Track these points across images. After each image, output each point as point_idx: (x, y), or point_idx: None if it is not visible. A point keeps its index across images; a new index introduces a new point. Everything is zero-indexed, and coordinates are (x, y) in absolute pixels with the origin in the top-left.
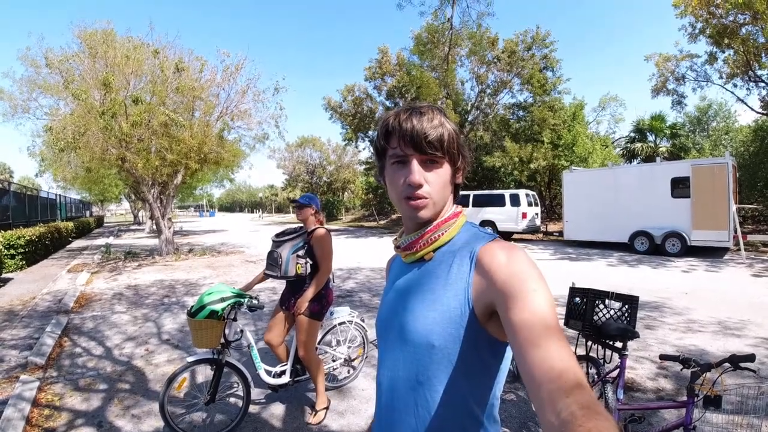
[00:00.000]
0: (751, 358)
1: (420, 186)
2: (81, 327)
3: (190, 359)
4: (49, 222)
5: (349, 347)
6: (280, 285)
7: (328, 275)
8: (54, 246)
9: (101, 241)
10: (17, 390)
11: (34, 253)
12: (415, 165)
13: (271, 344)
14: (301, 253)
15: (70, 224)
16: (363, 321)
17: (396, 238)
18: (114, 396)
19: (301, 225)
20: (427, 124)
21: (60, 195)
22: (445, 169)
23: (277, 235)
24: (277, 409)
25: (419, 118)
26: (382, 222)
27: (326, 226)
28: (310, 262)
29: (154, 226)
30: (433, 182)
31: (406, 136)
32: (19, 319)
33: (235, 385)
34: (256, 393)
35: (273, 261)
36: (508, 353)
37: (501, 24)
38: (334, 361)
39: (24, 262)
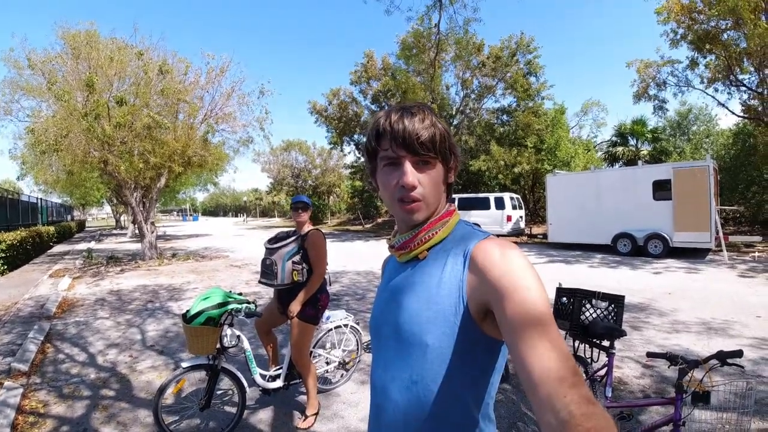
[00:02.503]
0: (738, 354)
1: (414, 188)
2: (64, 333)
3: (185, 364)
4: (30, 226)
5: (343, 351)
6: (266, 288)
7: (321, 279)
8: (35, 250)
9: (83, 245)
10: (1, 396)
11: (16, 258)
12: (408, 166)
13: (258, 330)
14: (296, 259)
15: (52, 228)
16: (358, 324)
17: (390, 238)
18: (98, 403)
19: (293, 229)
20: (419, 124)
21: (41, 199)
22: (438, 170)
23: (270, 241)
24: (267, 414)
25: (411, 119)
26: (367, 226)
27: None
28: (307, 267)
29: (137, 231)
30: (426, 183)
31: (397, 138)
32: (1, 324)
33: (230, 391)
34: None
35: (267, 269)
36: (503, 352)
37: (486, 30)
38: (328, 364)
39: (5, 267)
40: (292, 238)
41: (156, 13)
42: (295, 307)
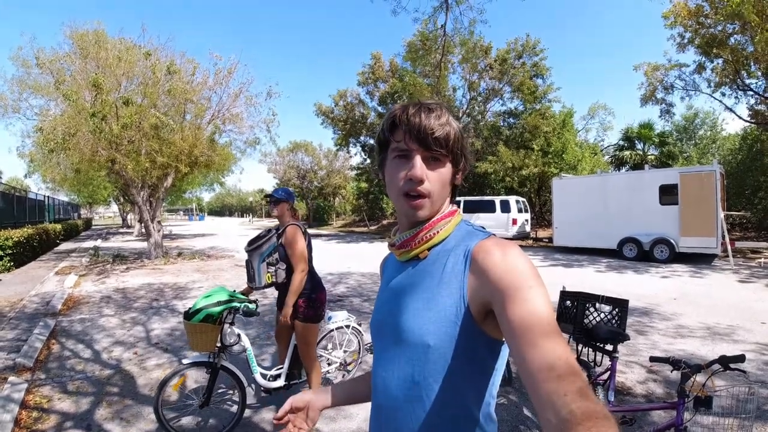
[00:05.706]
0: (741, 358)
1: (421, 182)
2: (69, 330)
3: (186, 361)
4: (37, 223)
5: (345, 351)
6: (270, 289)
7: (304, 276)
8: (42, 248)
9: (89, 243)
10: (6, 392)
11: (22, 255)
12: (418, 160)
13: (277, 341)
14: (271, 259)
15: (58, 226)
16: (360, 326)
17: (390, 236)
18: (103, 399)
19: (270, 228)
20: (434, 120)
21: (48, 196)
22: (447, 169)
23: (249, 244)
24: (268, 413)
25: (427, 114)
26: (372, 227)
27: (316, 230)
28: (283, 267)
29: (143, 229)
30: (434, 180)
31: (412, 131)
32: (6, 320)
33: (230, 390)
34: (249, 396)
35: (249, 271)
36: (504, 351)
37: (494, 34)
38: (329, 364)
39: (12, 264)
40: (266, 237)
41: (164, 13)
42: (287, 311)
